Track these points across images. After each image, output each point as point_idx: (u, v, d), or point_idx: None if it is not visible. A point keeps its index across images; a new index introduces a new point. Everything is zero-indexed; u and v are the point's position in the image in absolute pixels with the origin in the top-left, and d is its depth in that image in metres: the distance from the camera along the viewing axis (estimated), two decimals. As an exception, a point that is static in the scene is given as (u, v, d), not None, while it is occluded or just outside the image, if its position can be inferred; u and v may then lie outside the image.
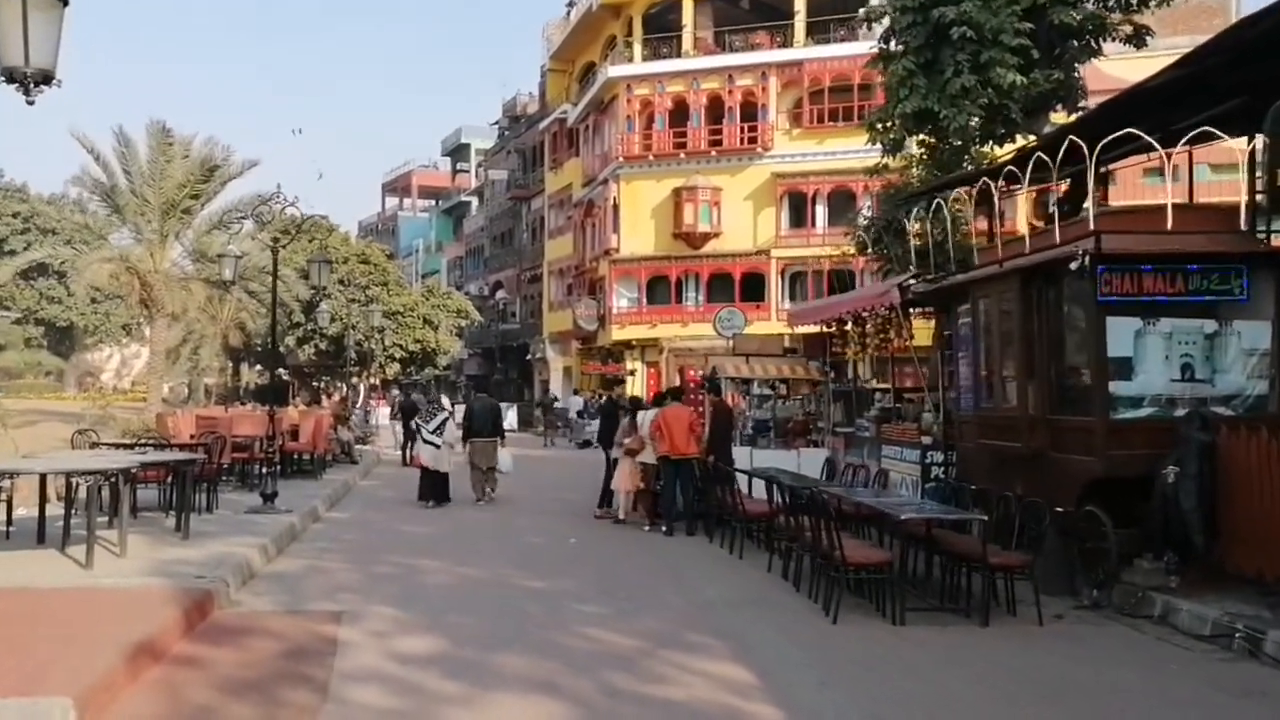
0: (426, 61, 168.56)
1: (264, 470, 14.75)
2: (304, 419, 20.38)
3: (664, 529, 13.67)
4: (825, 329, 17.02)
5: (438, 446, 16.85)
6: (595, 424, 35.39)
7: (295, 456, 19.53)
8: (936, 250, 20.13)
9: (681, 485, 13.58)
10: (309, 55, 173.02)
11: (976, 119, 14.75)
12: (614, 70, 43.53)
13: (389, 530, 13.97)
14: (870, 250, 26.11)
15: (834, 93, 40.34)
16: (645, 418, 14.01)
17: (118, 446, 13.29)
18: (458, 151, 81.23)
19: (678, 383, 18.81)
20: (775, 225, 40.73)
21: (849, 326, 15.05)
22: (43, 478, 10.18)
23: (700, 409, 16.28)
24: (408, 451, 21.84)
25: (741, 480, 13.03)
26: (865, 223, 25.88)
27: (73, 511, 10.23)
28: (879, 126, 16.88)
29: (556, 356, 49.52)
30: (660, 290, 42.42)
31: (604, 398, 29.33)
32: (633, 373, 42.78)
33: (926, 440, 12.68)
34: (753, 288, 40.88)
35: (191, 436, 16.05)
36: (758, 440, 16.33)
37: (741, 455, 15.18)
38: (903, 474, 13.02)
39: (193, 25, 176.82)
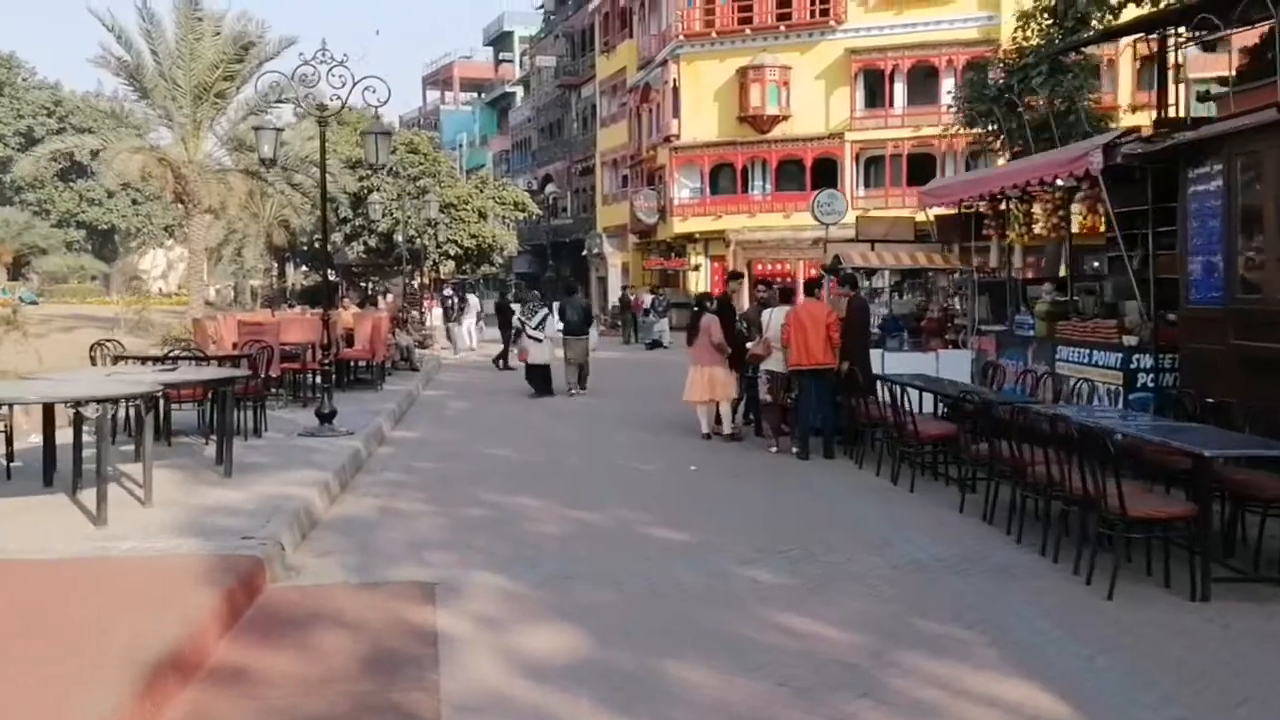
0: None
1: (319, 383, 12.57)
2: (359, 322, 18.18)
3: (795, 450, 11.39)
4: (965, 209, 14.41)
5: (540, 341, 17.68)
6: (664, 322, 33.34)
7: (351, 365, 17.41)
8: (1059, 122, 17.43)
9: (819, 399, 11.23)
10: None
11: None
12: (673, -62, 40.06)
13: (469, 454, 11.79)
14: (976, 126, 23.33)
15: (916, -43, 36.75)
16: (772, 317, 11.60)
17: (145, 360, 11.14)
18: (500, 40, 77.68)
19: (743, 276, 16.32)
20: (850, 106, 37.71)
21: (1010, 204, 12.46)
22: (47, 406, 8.01)
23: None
24: (507, 353, 21.39)
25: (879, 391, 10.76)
26: (972, 92, 22.96)
27: (86, 443, 8.07)
28: None
29: (614, 252, 47.02)
30: (725, 179, 39.69)
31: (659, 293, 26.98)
32: (697, 268, 40.31)
33: (1130, 340, 10.20)
34: (825, 174, 37.94)
35: (234, 345, 13.91)
36: (885, 341, 13.88)
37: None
38: (1091, 381, 10.57)
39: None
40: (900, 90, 37.48)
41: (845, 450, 11.47)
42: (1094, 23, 20.90)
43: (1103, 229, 12.38)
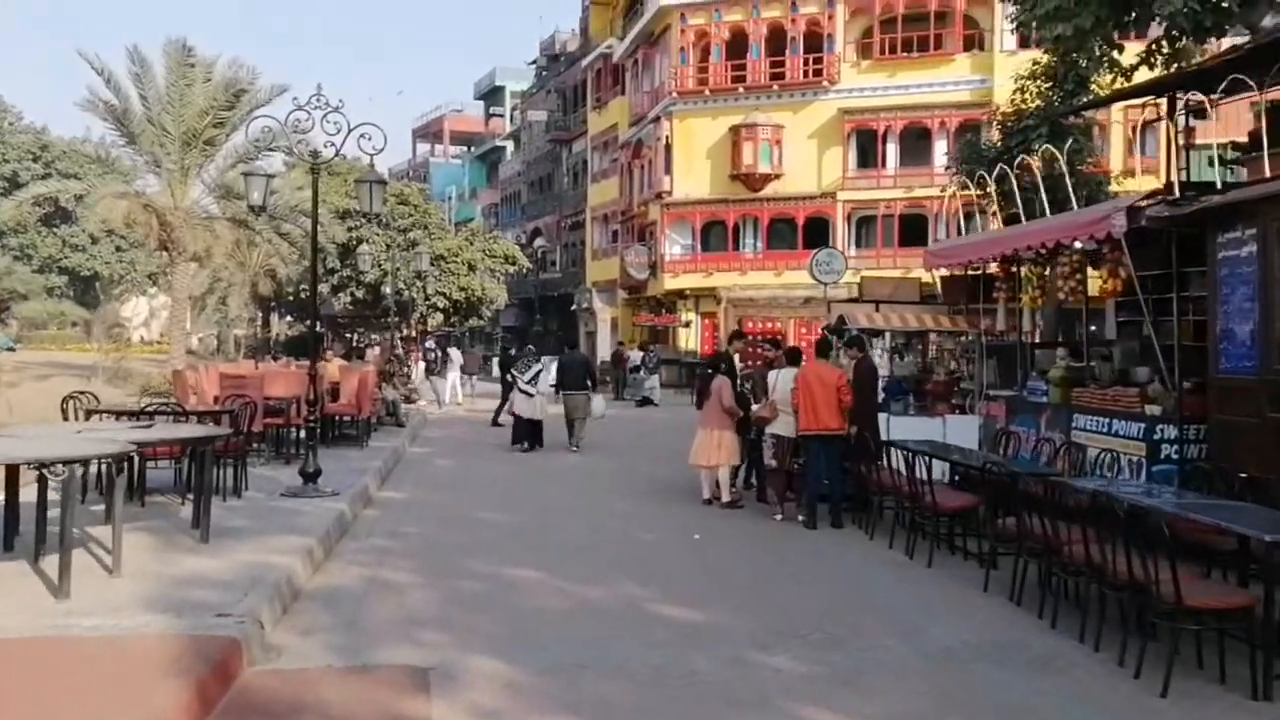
0: (457, 3, 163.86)
1: (303, 440, 12.01)
2: (346, 376, 17.66)
3: (802, 518, 10.88)
4: (972, 271, 14.08)
5: (532, 395, 17.84)
6: (655, 379, 32.86)
7: (336, 420, 16.85)
8: (1058, 185, 17.19)
9: (828, 466, 10.76)
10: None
11: (1190, 3, 11.47)
12: (666, -2, 40.21)
13: (460, 518, 11.22)
14: (974, 186, 23.13)
15: (907, 21, 36.99)
16: (779, 378, 11.14)
17: (119, 416, 10.57)
18: (491, 95, 77.96)
19: (745, 336, 15.81)
20: (842, 166, 37.64)
21: (1024, 267, 12.11)
22: (10, 465, 7.44)
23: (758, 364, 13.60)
24: (502, 410, 21.08)
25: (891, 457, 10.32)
26: (970, 153, 22.81)
27: (52, 502, 7.50)
28: (1041, 16, 13.16)
29: (604, 307, 46.66)
30: (716, 236, 39.48)
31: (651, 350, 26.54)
32: (688, 324, 39.99)
33: (1153, 410, 9.78)
34: (817, 233, 37.80)
35: (215, 399, 13.35)
36: (890, 405, 13.44)
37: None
38: (1112, 452, 10.13)
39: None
40: (893, 151, 37.49)
41: (853, 519, 10.98)
42: (1093, 86, 20.93)
43: (1107, 293, 11.99)
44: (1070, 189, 19.52)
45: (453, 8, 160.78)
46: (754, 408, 11.50)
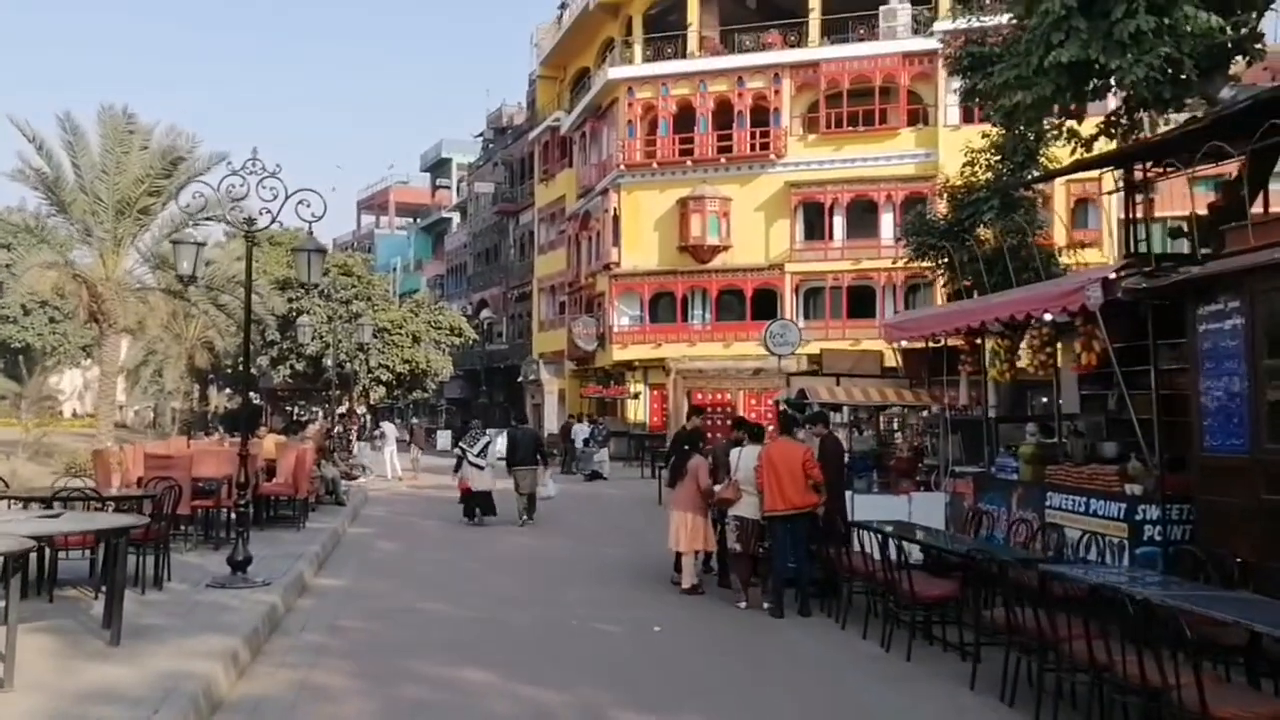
0: (402, 77, 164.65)
1: (233, 525, 11.17)
2: (282, 453, 16.81)
3: (767, 605, 10.27)
4: (933, 344, 13.72)
5: (482, 468, 18.12)
6: (604, 453, 32.14)
7: (271, 500, 15.98)
8: (1011, 257, 17.09)
9: (795, 549, 10.19)
10: (278, 72, 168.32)
11: (1151, 72, 11.30)
12: (614, 72, 40.37)
13: (403, 610, 10.44)
14: (927, 259, 23.01)
15: (853, 96, 37.33)
16: (742, 457, 10.58)
17: (27, 503, 9.69)
18: (438, 167, 77.95)
19: (686, 408, 15.04)
20: (789, 238, 37.62)
21: (992, 340, 11.75)
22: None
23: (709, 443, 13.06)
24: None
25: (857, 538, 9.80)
26: (921, 226, 22.70)
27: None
28: (999, 85, 12.96)
29: (551, 379, 46.03)
30: (664, 307, 39.22)
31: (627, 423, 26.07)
32: (636, 396, 39.50)
33: (1134, 489, 9.36)
34: (765, 305, 37.68)
35: (139, 480, 12.48)
36: (853, 482, 12.92)
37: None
38: (1089, 533, 9.69)
39: (151, 46, 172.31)
40: (840, 223, 37.61)
41: (821, 605, 10.39)
42: (1041, 159, 20.95)
43: (1081, 367, 11.67)
44: (1027, 260, 19.59)
45: (400, 83, 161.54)
46: (716, 488, 10.88)
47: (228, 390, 54.69)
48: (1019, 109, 12.71)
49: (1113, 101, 13.48)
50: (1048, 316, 10.20)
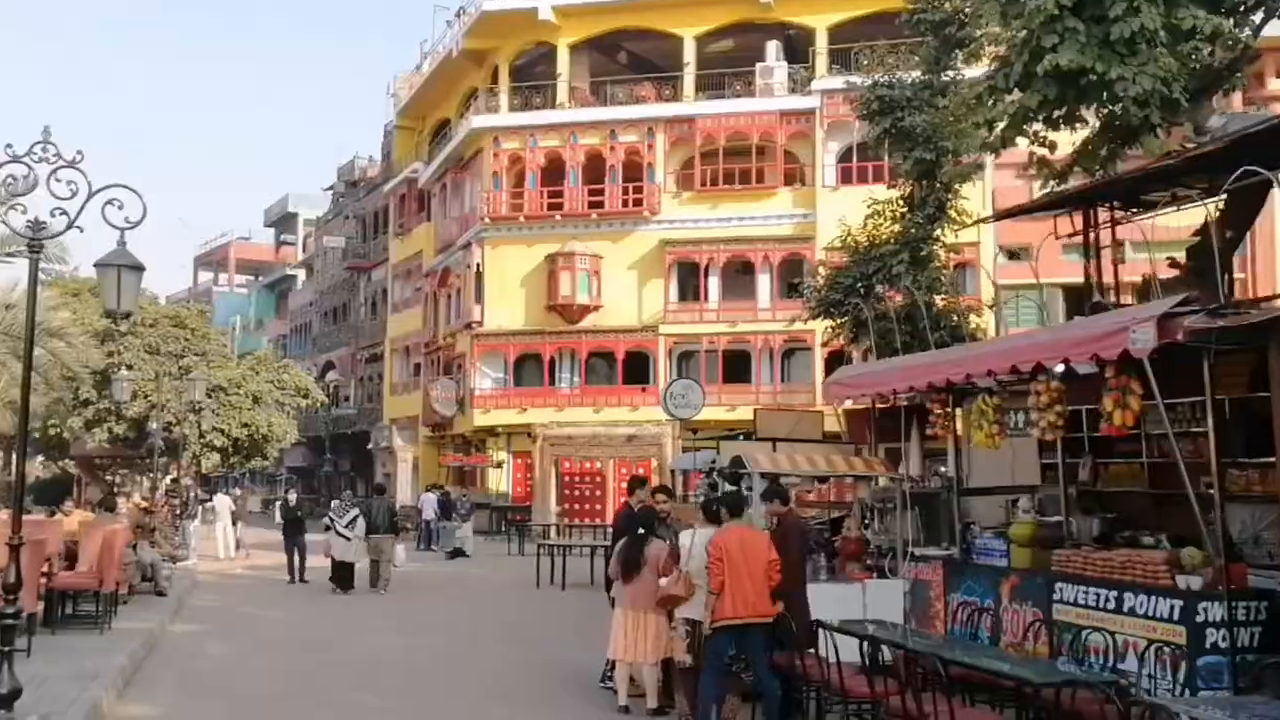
0: (246, 127, 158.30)
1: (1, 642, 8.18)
2: (88, 534, 13.66)
3: None
4: (881, 404, 11.82)
5: (349, 539, 18.56)
6: (467, 527, 29.19)
7: (70, 596, 12.81)
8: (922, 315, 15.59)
9: (754, 664, 7.95)
10: (106, 114, 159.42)
11: (1157, 85, 9.72)
12: (479, 120, 38.34)
13: None
14: (827, 317, 21.43)
15: (729, 153, 36.23)
16: (696, 543, 8.27)
17: None
18: (283, 221, 73.90)
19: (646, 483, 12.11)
20: (663, 298, 35.93)
21: (978, 399, 9.82)
22: None
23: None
24: (294, 565, 20.49)
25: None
26: (828, 281, 21.14)
27: None
28: (984, 99, 11.24)
29: (405, 445, 42.84)
30: (530, 370, 36.88)
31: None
32: (500, 464, 36.84)
33: (1190, 582, 7.48)
34: (637, 369, 35.82)
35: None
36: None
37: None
38: (1123, 636, 7.77)
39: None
40: (715, 284, 36.13)
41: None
42: (950, 212, 19.72)
43: (1114, 428, 9.88)
44: (939, 318, 18.13)
45: (242, 133, 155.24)
46: (661, 583, 8.49)
47: (40, 458, 49.17)
48: (993, 121, 11.04)
49: (1072, 136, 11.95)
50: (1060, 368, 8.31)
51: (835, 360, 34.58)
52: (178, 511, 25.32)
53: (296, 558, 20.32)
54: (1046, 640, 8.55)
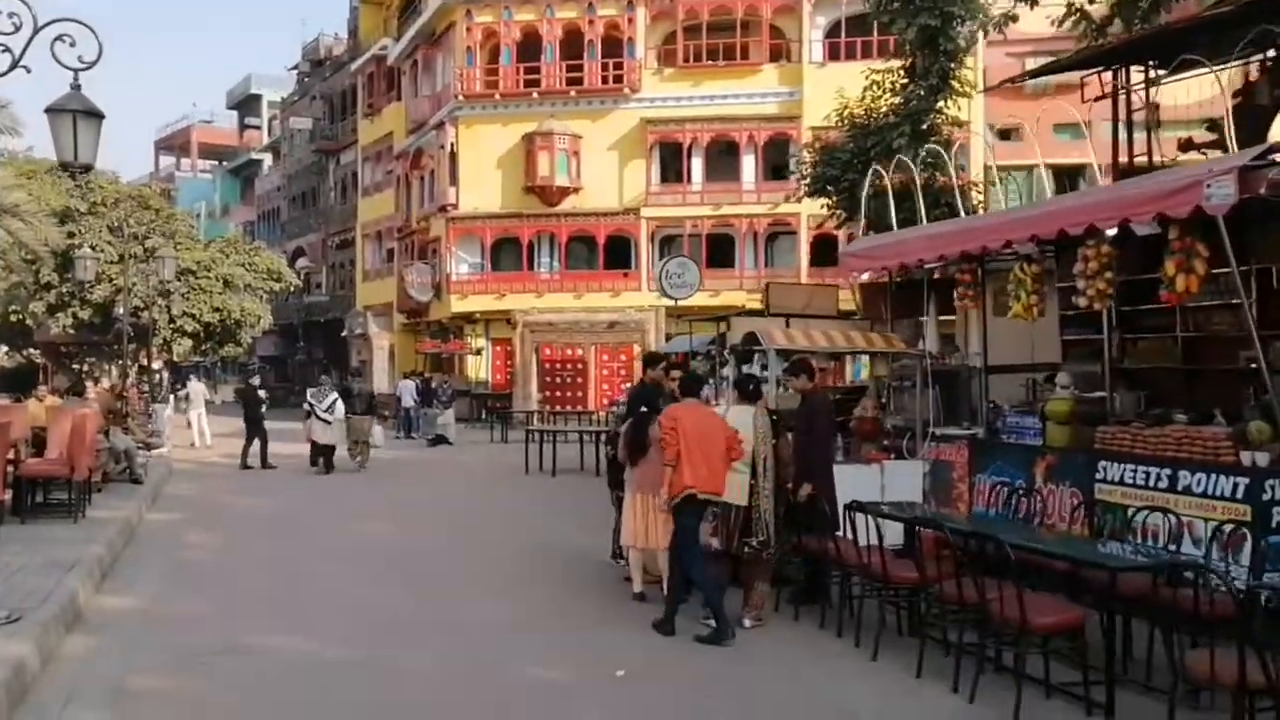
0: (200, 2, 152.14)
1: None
2: (55, 420, 12.90)
3: (707, 632, 7.38)
4: (899, 278, 11.16)
5: (329, 423, 19.04)
6: (449, 414, 28.59)
7: (40, 484, 12.11)
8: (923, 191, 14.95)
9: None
10: None
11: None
12: (449, -8, 36.42)
13: (236, 652, 7.06)
14: (824, 195, 20.64)
15: (712, 29, 34.79)
16: (730, 418, 7.66)
17: None
18: (246, 104, 71.44)
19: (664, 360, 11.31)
20: (645, 180, 34.85)
21: (1016, 267, 9.14)
22: None
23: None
24: (247, 452, 20.17)
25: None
26: (824, 157, 20.28)
27: None
28: None
29: (381, 333, 41.94)
30: (509, 254, 35.92)
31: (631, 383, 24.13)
32: (478, 351, 36.12)
33: (1257, 458, 6.96)
34: (618, 253, 34.96)
35: None
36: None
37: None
38: (1177, 515, 7.27)
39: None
40: (699, 165, 35.06)
41: (795, 610, 7.70)
42: (954, 83, 18.83)
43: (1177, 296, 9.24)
44: (939, 195, 17.36)
45: (197, 7, 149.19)
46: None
47: (3, 346, 47.89)
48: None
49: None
50: (1113, 229, 7.62)
51: (821, 244, 33.97)
52: (150, 398, 24.50)
53: (257, 444, 19.95)
54: (1087, 521, 8.08)
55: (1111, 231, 7.79)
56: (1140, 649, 6.19)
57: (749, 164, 34.50)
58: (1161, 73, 10.78)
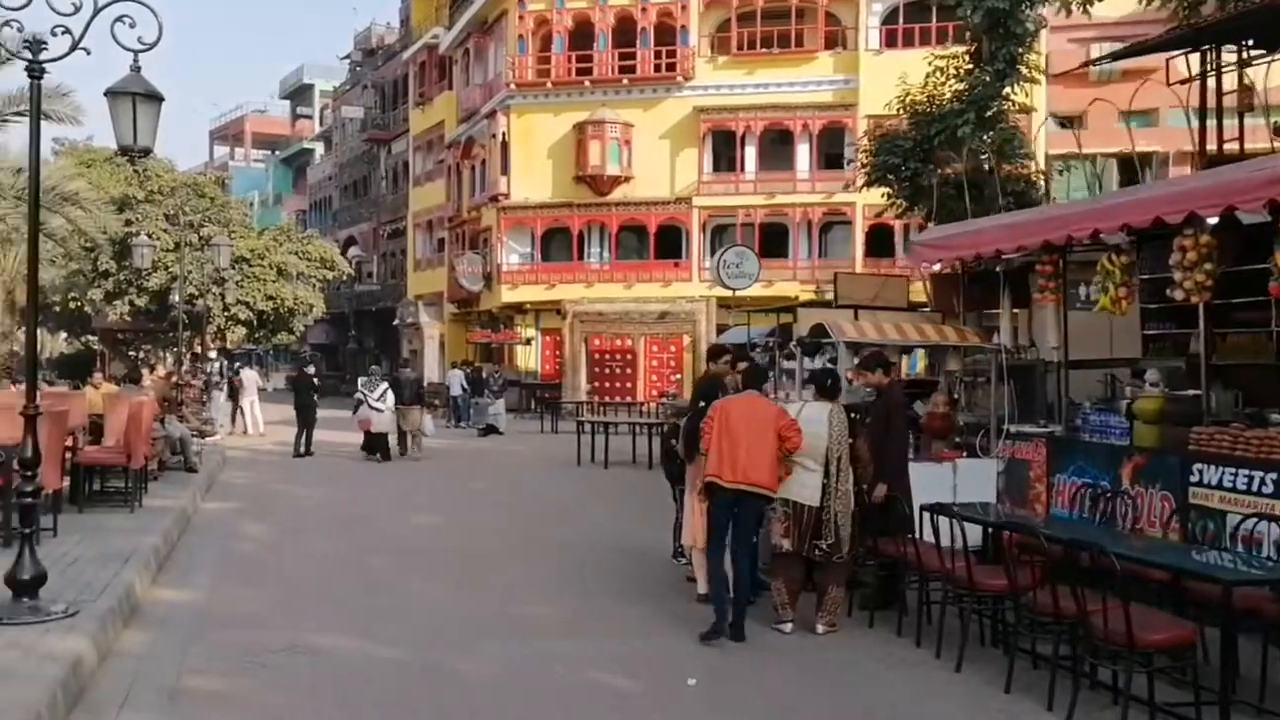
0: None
1: (21, 522, 7.32)
2: (112, 407, 12.85)
3: (710, 632, 7.08)
4: (971, 268, 10.74)
5: (382, 411, 19.29)
6: (500, 404, 28.52)
7: (97, 472, 12.05)
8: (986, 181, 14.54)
9: (736, 540, 7.24)
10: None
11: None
12: (502, -19, 36.24)
13: (294, 651, 6.87)
14: (881, 184, 20.15)
15: (767, 16, 34.17)
16: (803, 416, 7.34)
17: None
18: (299, 94, 71.83)
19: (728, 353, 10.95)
20: (697, 169, 34.42)
21: (1104, 257, 8.70)
22: None
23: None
24: (299, 439, 20.38)
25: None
26: (884, 144, 19.75)
27: None
28: None
29: (432, 322, 41.96)
30: (559, 244, 35.70)
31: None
32: (528, 341, 35.98)
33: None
34: (669, 243, 34.59)
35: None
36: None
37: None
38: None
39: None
40: (752, 154, 34.52)
41: (870, 616, 7.36)
42: (1020, 68, 18.27)
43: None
44: (1004, 184, 16.83)
45: (255, 3, 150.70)
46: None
47: (63, 332, 48.56)
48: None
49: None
50: (1215, 218, 7.18)
51: (878, 234, 33.44)
52: (204, 385, 24.62)
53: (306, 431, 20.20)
54: (1180, 527, 7.65)
55: (1212, 220, 7.35)
56: (1248, 667, 5.80)
57: (803, 153, 33.94)
58: (1259, 53, 10.25)
